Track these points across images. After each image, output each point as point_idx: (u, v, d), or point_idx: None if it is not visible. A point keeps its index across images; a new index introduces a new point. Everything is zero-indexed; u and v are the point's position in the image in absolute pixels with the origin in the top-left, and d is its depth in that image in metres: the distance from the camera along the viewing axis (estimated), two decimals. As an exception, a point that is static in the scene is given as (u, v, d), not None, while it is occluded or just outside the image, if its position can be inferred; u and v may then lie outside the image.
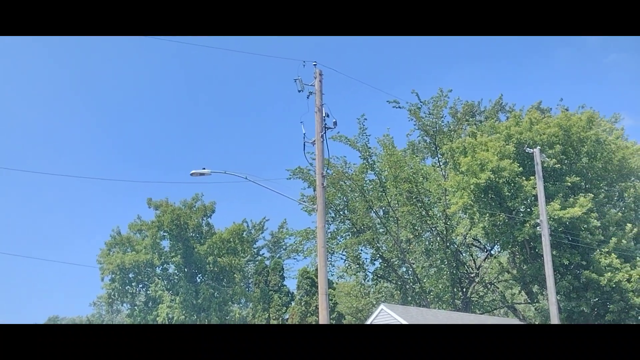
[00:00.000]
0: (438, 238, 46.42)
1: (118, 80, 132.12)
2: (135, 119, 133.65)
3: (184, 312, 53.10)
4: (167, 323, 53.67)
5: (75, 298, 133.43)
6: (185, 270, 56.29)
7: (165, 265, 57.92)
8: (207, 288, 55.10)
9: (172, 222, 55.05)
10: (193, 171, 22.15)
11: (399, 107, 45.70)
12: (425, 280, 47.91)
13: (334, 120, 21.74)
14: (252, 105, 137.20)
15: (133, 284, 57.68)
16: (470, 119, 46.69)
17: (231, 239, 58.00)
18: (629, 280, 33.73)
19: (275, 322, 48.77)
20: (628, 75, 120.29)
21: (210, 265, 56.44)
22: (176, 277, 56.82)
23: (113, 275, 56.16)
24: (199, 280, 57.82)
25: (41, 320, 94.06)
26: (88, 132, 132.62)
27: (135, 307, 57.26)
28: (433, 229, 46.76)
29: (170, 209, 55.76)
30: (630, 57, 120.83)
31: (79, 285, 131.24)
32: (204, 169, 22.14)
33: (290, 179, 48.77)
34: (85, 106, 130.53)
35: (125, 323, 58.62)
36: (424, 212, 45.95)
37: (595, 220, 34.27)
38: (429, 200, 46.42)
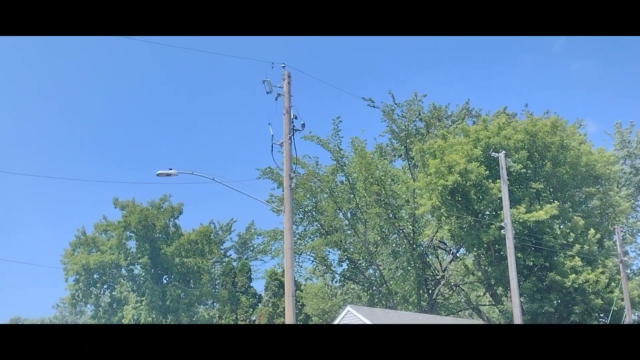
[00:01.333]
0: (405, 240, 46.76)
1: (85, 80, 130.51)
2: (102, 118, 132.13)
3: (150, 313, 52.60)
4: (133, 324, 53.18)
5: (38, 299, 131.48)
6: (152, 271, 55.77)
7: (131, 267, 57.29)
8: (174, 289, 54.67)
9: (139, 223, 54.48)
10: (159, 172, 21.91)
11: (374, 107, 46.32)
12: (391, 282, 48.22)
13: (302, 123, 21.77)
14: (222, 106, 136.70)
15: (98, 285, 56.94)
16: (438, 123, 47.30)
17: (198, 240, 57.67)
18: (588, 282, 34.41)
19: (242, 324, 48.60)
20: (592, 82, 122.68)
21: (178, 267, 56.02)
22: (142, 278, 56.26)
23: (77, 276, 55.35)
24: (165, 281, 57.35)
25: (3, 322, 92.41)
26: (53, 131, 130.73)
27: (100, 309, 56.54)
28: (400, 232, 47.09)
29: (138, 210, 55.20)
30: (595, 64, 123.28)
31: (42, 287, 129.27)
32: (171, 169, 21.94)
33: (259, 178, 48.81)
34: (51, 105, 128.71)
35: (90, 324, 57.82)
36: (391, 215, 46.26)
37: (558, 228, 34.98)
38: (397, 202, 46.77)
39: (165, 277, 57.59)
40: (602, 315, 36.99)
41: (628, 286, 35.74)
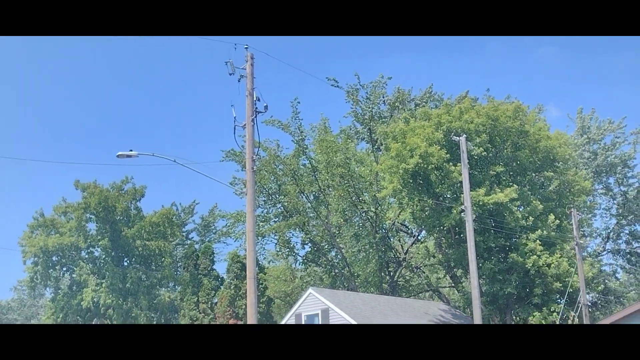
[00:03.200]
0: (368, 223, 47.05)
1: (45, 60, 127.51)
2: (63, 98, 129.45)
3: (109, 296, 52.09)
4: (92, 307, 52.63)
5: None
6: (112, 254, 55.16)
7: (91, 249, 56.60)
8: (135, 272, 54.19)
9: (99, 205, 53.76)
10: (119, 153, 21.59)
11: (337, 87, 46.33)
12: (354, 265, 48.56)
13: (265, 105, 21.65)
14: (187, 86, 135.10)
15: (57, 267, 56.14)
16: (401, 106, 47.55)
17: (160, 223, 57.14)
18: (549, 266, 35.13)
19: (204, 306, 48.41)
20: (556, 68, 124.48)
21: (139, 249, 55.49)
22: (102, 261, 55.65)
23: (36, 259, 54.46)
24: (126, 264, 56.78)
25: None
26: (12, 111, 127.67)
27: (59, 291, 55.82)
28: (363, 214, 47.36)
29: (98, 191, 54.45)
30: (560, 51, 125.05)
31: (0, 269, 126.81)
32: (131, 150, 21.65)
33: (223, 160, 48.63)
34: (10, 85, 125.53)
35: (49, 307, 57.01)
36: (354, 197, 46.46)
37: (517, 211, 35.55)
38: (360, 185, 46.99)
39: (126, 259, 57.03)
40: (558, 297, 37.82)
41: (583, 268, 36.57)
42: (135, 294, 53.60)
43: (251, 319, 19.99)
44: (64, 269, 57.00)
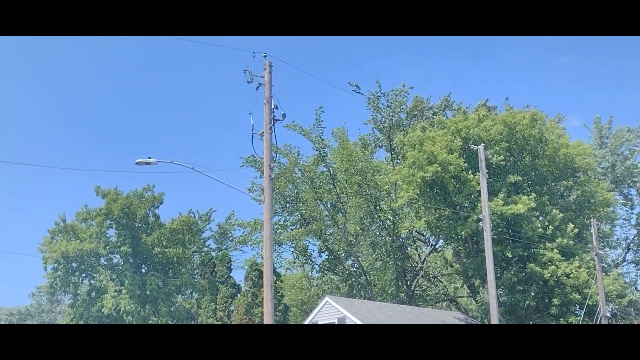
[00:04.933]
0: (385, 232, 46.90)
1: (66, 66, 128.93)
2: (86, 105, 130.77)
3: (129, 302, 52.37)
4: (114, 314, 52.96)
5: (15, 288, 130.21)
6: (131, 260, 55.50)
7: (110, 255, 56.97)
8: (153, 279, 54.46)
9: (120, 211, 54.14)
10: (139, 160, 21.72)
11: (359, 93, 46.41)
12: (371, 273, 48.39)
13: (283, 113, 21.73)
14: (205, 94, 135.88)
15: (76, 273, 56.53)
16: (419, 115, 47.45)
17: (180, 230, 57.50)
18: (568, 276, 34.73)
19: (221, 314, 48.56)
20: (578, 77, 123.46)
21: (158, 256, 55.80)
22: (121, 267, 55.98)
23: (56, 264, 54.96)
24: (144, 270, 57.09)
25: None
26: (34, 118, 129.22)
27: (78, 297, 56.20)
28: (380, 223, 47.23)
29: (119, 198, 54.88)
30: (581, 60, 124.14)
31: (16, 275, 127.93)
32: (150, 158, 21.76)
33: (243, 167, 48.78)
34: (32, 94, 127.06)
35: (67, 313, 57.45)
36: (372, 206, 46.37)
37: (537, 220, 35.22)
38: (378, 194, 46.90)
39: (144, 266, 57.35)
40: (578, 307, 37.39)
41: (604, 281, 36.11)
42: (154, 300, 53.87)
43: (268, 326, 20.00)
44: (83, 275, 57.44)
